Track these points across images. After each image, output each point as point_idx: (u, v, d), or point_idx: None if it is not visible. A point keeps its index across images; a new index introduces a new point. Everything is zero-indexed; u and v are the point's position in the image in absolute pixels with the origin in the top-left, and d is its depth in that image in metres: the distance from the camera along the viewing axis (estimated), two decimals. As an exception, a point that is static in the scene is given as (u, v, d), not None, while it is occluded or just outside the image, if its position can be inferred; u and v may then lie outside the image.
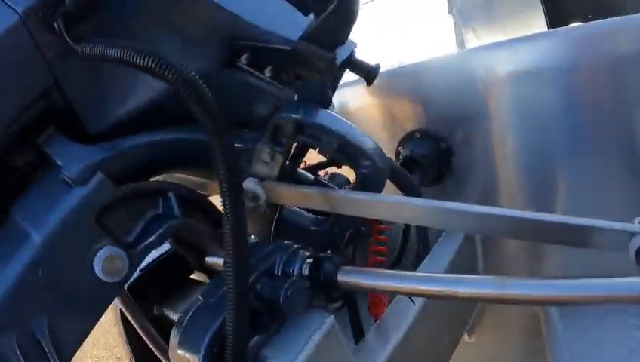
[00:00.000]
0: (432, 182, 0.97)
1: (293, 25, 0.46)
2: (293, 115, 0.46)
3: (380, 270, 0.46)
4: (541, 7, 2.25)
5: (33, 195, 0.45)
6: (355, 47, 0.50)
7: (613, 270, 0.85)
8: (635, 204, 0.85)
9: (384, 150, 1.06)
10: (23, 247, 0.41)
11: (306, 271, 0.46)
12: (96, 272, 0.44)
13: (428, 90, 0.97)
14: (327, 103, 0.48)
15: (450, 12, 2.55)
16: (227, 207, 0.37)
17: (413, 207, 0.48)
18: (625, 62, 0.78)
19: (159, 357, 0.62)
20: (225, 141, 0.36)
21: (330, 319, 0.44)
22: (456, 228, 0.48)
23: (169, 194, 0.48)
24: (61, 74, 0.44)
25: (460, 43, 2.48)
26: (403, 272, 0.43)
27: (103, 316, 0.49)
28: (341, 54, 0.47)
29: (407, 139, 0.96)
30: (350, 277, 0.45)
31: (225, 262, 0.39)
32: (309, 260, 0.47)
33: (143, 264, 0.71)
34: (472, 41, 2.48)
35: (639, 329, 0.84)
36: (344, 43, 0.46)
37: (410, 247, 0.89)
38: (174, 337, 0.46)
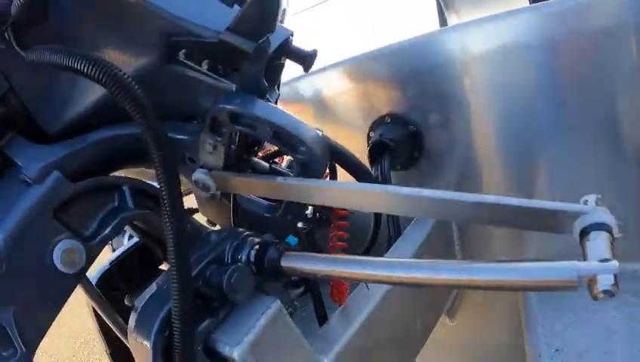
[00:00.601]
0: (404, 165, 0.98)
1: (221, 18, 0.47)
2: (227, 106, 0.48)
3: (323, 255, 0.48)
4: None
5: None
6: (292, 35, 0.51)
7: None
8: (618, 180, 0.85)
9: (359, 135, 1.08)
10: None
11: (253, 257, 0.48)
12: (56, 264, 0.47)
13: (402, 72, 0.97)
14: (263, 93, 0.49)
15: (437, -7, 2.52)
16: (164, 193, 0.39)
17: (361, 192, 0.49)
18: (605, 36, 0.78)
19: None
20: (157, 131, 0.38)
21: (277, 303, 0.46)
22: (404, 212, 0.48)
23: (123, 188, 0.50)
24: (15, 79, 0.47)
25: (443, 25, 2.46)
26: (346, 257, 0.45)
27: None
28: (273, 42, 0.49)
29: (378, 123, 0.97)
30: (294, 262, 0.46)
31: (167, 249, 0.41)
32: (257, 246, 0.48)
33: (114, 256, 0.74)
34: (455, 22, 2.47)
35: (617, 310, 0.85)
36: (273, 31, 0.47)
37: (383, 233, 0.90)
38: (131, 322, 0.49)
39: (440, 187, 0.97)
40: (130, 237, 0.78)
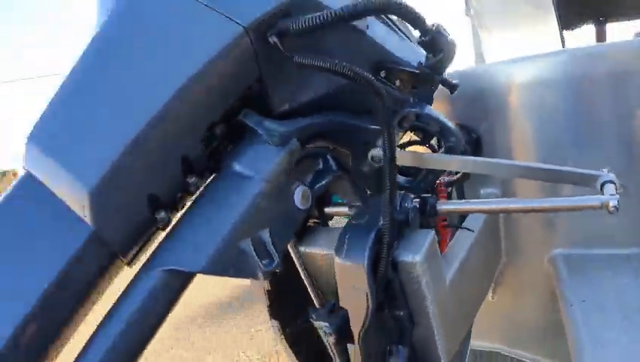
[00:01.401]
0: None
1: (415, 53, 0.78)
2: (414, 109, 0.80)
3: (462, 200, 0.81)
4: (553, 10, 2.57)
5: (245, 153, 0.65)
6: None
7: (610, 229, 1.24)
8: (631, 182, 1.18)
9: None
10: (250, 184, 0.62)
11: (416, 205, 0.80)
12: (295, 202, 0.69)
13: (463, 94, 1.34)
14: (431, 103, 0.83)
15: (467, 13, 2.91)
16: (387, 156, 0.68)
17: (471, 161, 0.85)
18: (621, 77, 1.16)
19: (307, 285, 0.92)
20: (389, 119, 0.65)
21: (432, 232, 0.79)
22: (497, 174, 0.83)
23: (328, 156, 0.80)
24: (266, 72, 0.63)
25: (477, 42, 2.84)
26: (477, 200, 0.78)
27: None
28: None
29: (446, 130, 1.33)
30: (446, 206, 0.80)
31: (385, 191, 0.69)
32: (416, 200, 0.82)
33: None
34: (487, 40, 2.85)
35: (636, 281, 1.20)
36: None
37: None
38: (339, 255, 0.72)
39: (491, 180, 1.34)
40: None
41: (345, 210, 0.89)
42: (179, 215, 0.65)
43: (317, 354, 0.95)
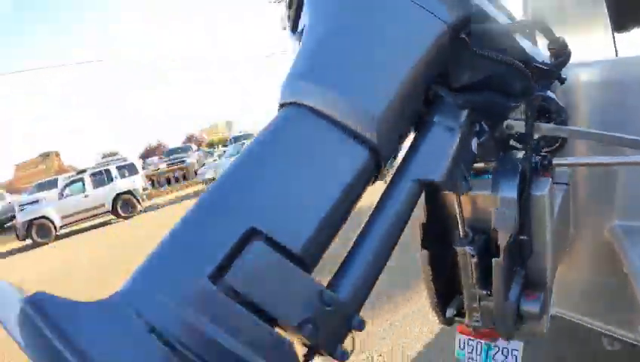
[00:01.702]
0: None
1: (540, 55, 0.98)
2: (541, 93, 1.07)
3: (564, 157, 1.18)
4: (606, 13, 2.87)
5: (443, 111, 0.84)
6: None
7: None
8: None
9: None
10: (451, 131, 0.81)
11: (538, 160, 1.15)
12: (472, 148, 0.87)
13: None
14: (549, 90, 1.16)
15: (524, 15, 3.22)
16: (529, 124, 1.03)
17: (575, 130, 1.18)
18: None
19: (459, 219, 1.17)
20: (532, 98, 1.01)
21: (550, 178, 1.14)
22: (590, 139, 1.22)
23: (482, 122, 1.08)
24: (452, 59, 0.82)
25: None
26: (573, 157, 1.13)
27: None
28: None
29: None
30: (557, 161, 1.14)
31: (528, 146, 1.04)
32: (537, 156, 1.17)
33: None
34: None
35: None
36: None
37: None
38: (495, 191, 1.05)
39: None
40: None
41: (480, 165, 1.25)
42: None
43: (449, 282, 1.30)
